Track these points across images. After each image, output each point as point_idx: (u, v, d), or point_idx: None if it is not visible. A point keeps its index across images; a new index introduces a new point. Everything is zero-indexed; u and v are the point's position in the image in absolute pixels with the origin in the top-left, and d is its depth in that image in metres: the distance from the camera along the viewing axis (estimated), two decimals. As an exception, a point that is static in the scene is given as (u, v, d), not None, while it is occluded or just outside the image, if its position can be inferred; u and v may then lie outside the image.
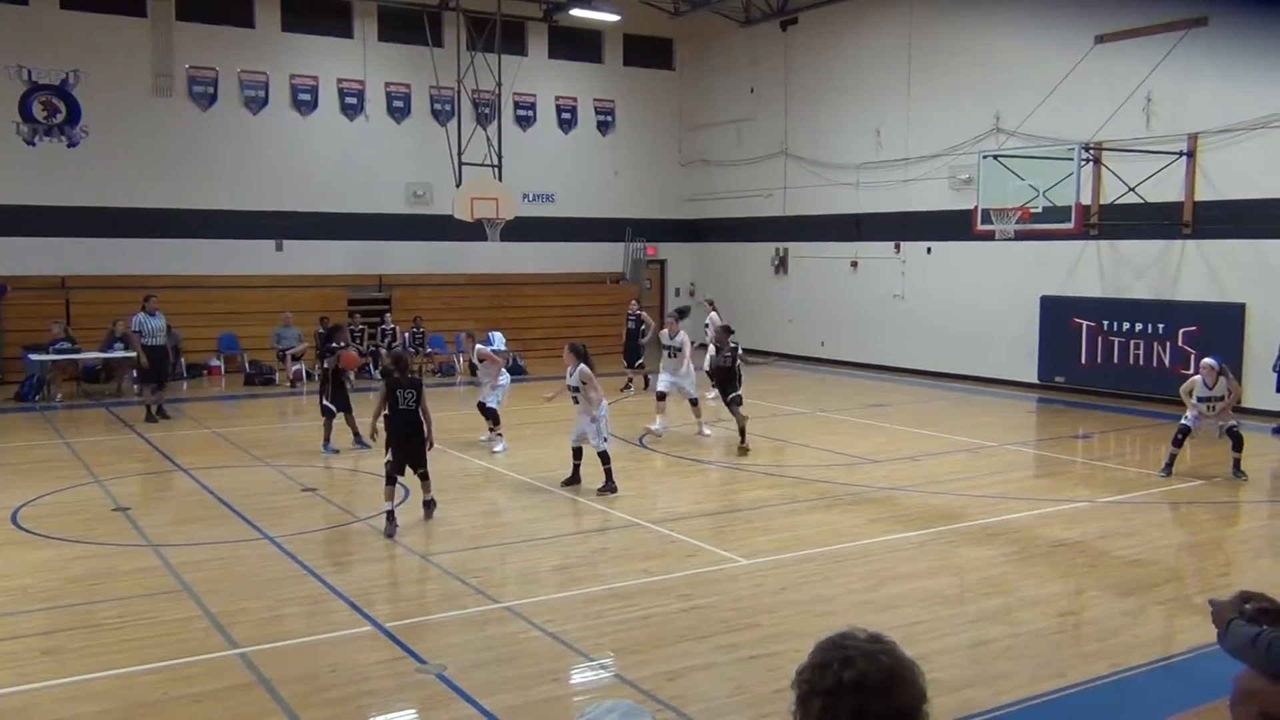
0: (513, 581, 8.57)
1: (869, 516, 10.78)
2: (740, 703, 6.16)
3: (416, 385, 10.18)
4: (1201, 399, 12.14)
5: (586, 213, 27.54)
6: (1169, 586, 8.42)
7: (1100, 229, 18.70)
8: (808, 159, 25.40)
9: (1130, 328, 18.64)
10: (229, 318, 22.75)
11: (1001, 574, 8.77)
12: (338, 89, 24.53)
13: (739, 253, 27.87)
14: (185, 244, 22.76)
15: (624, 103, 28.34)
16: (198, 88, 23.07)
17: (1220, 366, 12.20)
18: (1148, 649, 7.13)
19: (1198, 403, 12.15)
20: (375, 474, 12.44)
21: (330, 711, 6.00)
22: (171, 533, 9.94)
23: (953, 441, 15.03)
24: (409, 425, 10.02)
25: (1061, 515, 10.86)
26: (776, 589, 8.27)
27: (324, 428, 14.08)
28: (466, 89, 23.45)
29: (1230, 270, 17.36)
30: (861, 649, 2.10)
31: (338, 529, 10.09)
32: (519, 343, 24.41)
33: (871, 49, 23.58)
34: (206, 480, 12.19)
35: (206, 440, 15.11)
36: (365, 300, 24.45)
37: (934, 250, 22.46)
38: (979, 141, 20.68)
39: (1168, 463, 12.35)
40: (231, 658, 6.79)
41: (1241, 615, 3.94)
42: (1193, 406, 12.17)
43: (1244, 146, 16.93)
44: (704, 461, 13.64)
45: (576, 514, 10.81)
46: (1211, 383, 12.09)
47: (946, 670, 6.49)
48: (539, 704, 6.13)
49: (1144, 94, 17.90)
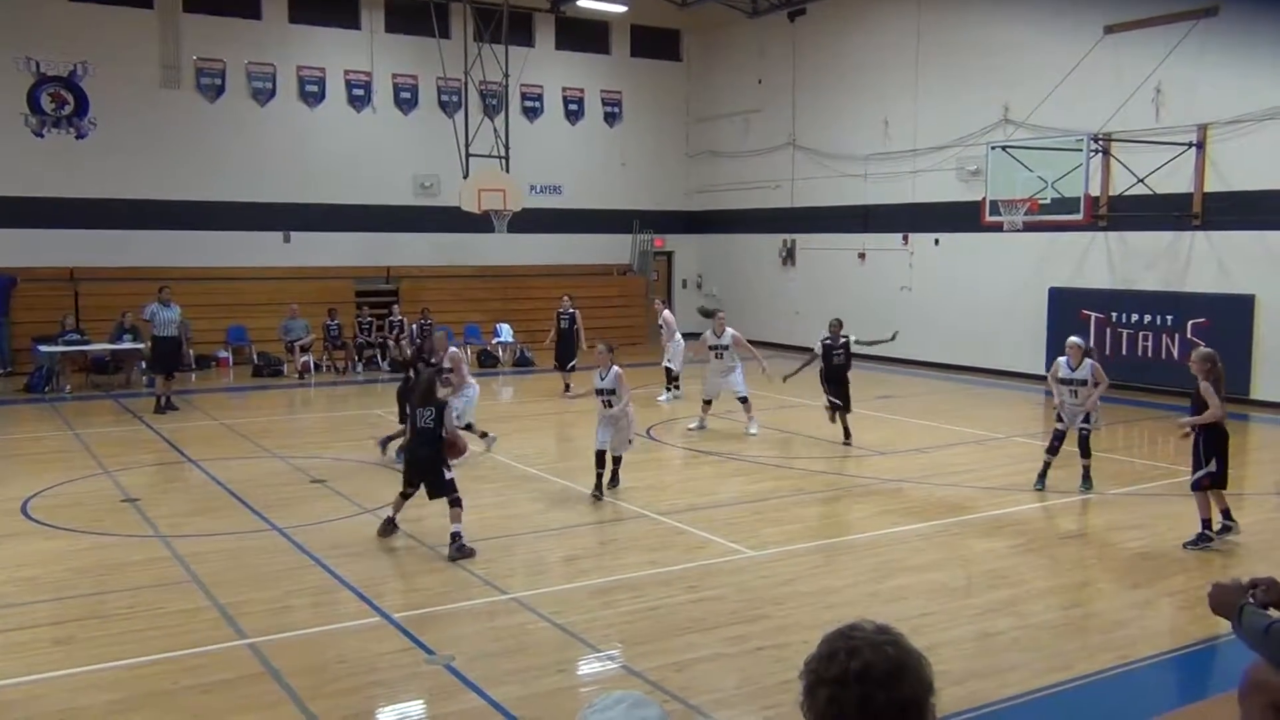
0: (520, 573, 8.59)
1: (877, 508, 10.78)
2: (747, 694, 6.18)
3: (440, 406, 9.15)
4: (1063, 381, 11.19)
5: (594, 204, 27.51)
6: (1177, 579, 8.40)
7: (1109, 220, 18.65)
8: (815, 150, 25.34)
9: (1139, 319, 18.59)
10: (237, 309, 22.79)
11: (1009, 566, 8.77)
12: (345, 80, 24.54)
13: (746, 244, 27.83)
14: (193, 235, 22.81)
15: (631, 94, 28.30)
16: (205, 79, 23.09)
17: (1086, 348, 11.30)
18: (1155, 641, 7.12)
19: (1060, 385, 11.23)
20: (382, 466, 12.48)
21: (339, 702, 6.02)
22: (181, 524, 9.97)
23: (960, 433, 15.02)
24: (426, 447, 9.15)
25: (1069, 507, 10.85)
26: (784, 580, 8.28)
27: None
28: (473, 80, 23.43)
29: (1240, 261, 17.29)
30: (868, 640, 2.11)
31: (346, 520, 10.11)
32: (526, 334, 24.43)
33: (879, 40, 23.51)
34: (215, 471, 12.23)
35: (215, 431, 15.15)
36: (373, 292, 24.47)
37: (942, 242, 22.41)
38: (987, 133, 20.60)
39: (1040, 473, 11.36)
40: (240, 648, 6.82)
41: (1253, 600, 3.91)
42: (1056, 392, 11.27)
43: (1254, 137, 16.85)
44: (712, 453, 13.63)
45: (584, 506, 10.82)
46: (1075, 364, 11.11)
47: (953, 662, 6.50)
48: (547, 695, 6.14)
49: (1153, 85, 17.82)
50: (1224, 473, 9.03)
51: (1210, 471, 8.99)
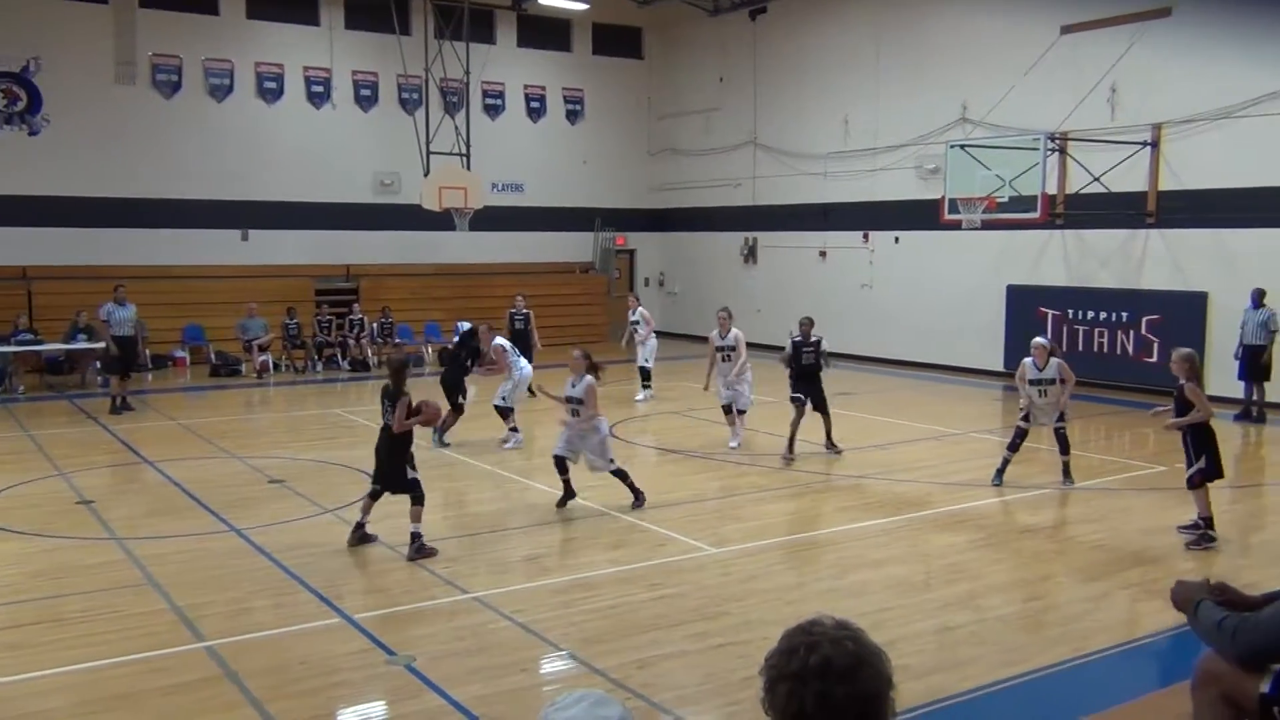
0: (482, 572, 8.56)
1: (837, 504, 10.86)
2: (709, 691, 6.20)
3: (393, 397, 8.89)
4: (1032, 382, 11.25)
5: (555, 202, 27.45)
6: (1132, 572, 8.52)
7: (1065, 219, 18.87)
8: (776, 148, 25.45)
9: (1095, 317, 18.85)
10: (194, 308, 22.51)
11: (968, 560, 8.86)
12: (304, 77, 24.31)
13: (708, 242, 27.90)
14: (149, 234, 22.51)
15: (593, 92, 28.27)
16: (161, 76, 22.79)
17: (1051, 346, 11.38)
18: (1111, 633, 7.22)
19: (1029, 387, 11.28)
20: (342, 465, 12.39)
21: (299, 704, 5.98)
22: (137, 526, 9.85)
23: (920, 429, 15.15)
24: (383, 443, 9.01)
25: (1027, 502, 10.98)
26: (745, 577, 8.31)
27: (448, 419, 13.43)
28: (434, 77, 23.32)
29: (1193, 259, 17.57)
30: (828, 635, 2.13)
31: (305, 520, 10.03)
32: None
33: (839, 39, 23.65)
34: (172, 472, 12.09)
35: (172, 432, 14.97)
36: (332, 290, 24.29)
37: (902, 239, 22.59)
38: (946, 131, 20.79)
39: (999, 469, 11.47)
40: (199, 651, 6.75)
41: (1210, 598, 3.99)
42: (1024, 394, 11.40)
43: (1206, 137, 17.13)
44: (675, 451, 13.66)
45: (545, 504, 10.80)
46: (1042, 364, 11.19)
47: (913, 656, 6.56)
48: (508, 694, 6.13)
49: (1109, 84, 18.06)
50: (1216, 465, 9.14)
51: (1201, 468, 9.09)
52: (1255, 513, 11.00)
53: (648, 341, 17.93)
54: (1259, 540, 9.76)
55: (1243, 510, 10.90)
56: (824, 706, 2.06)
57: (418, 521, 8.83)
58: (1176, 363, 9.23)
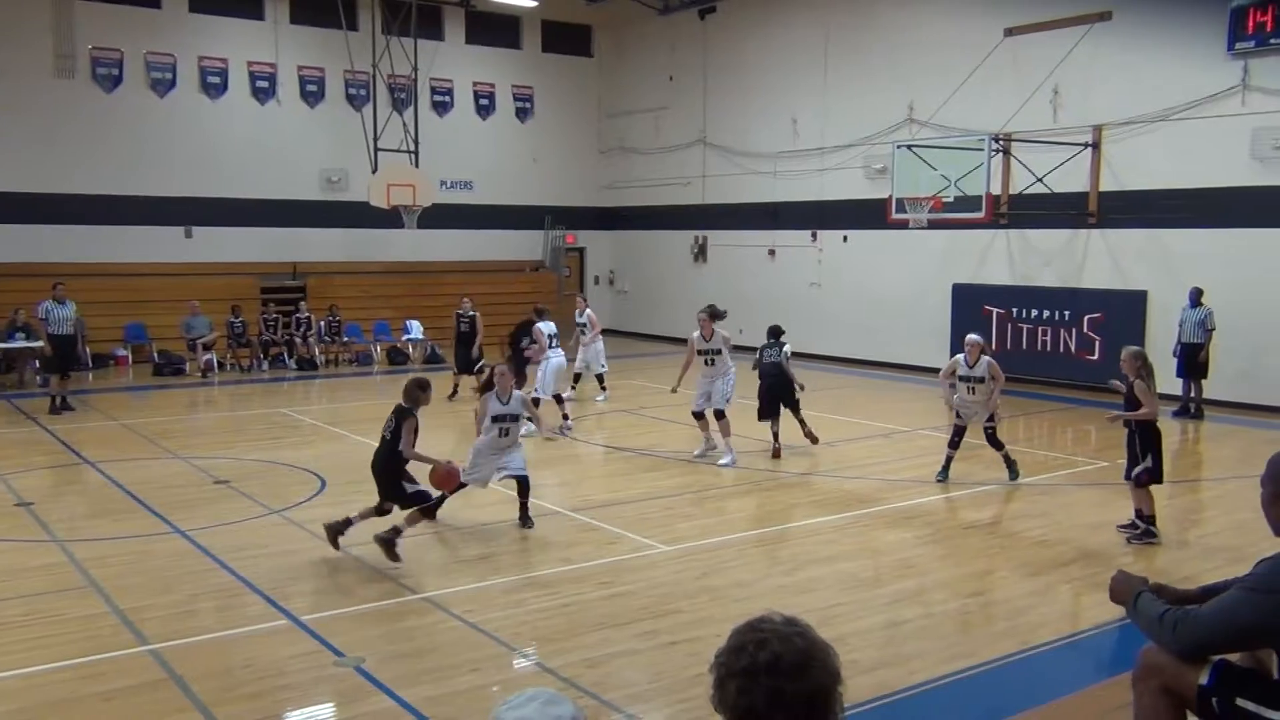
0: (432, 572, 8.51)
1: (787, 502, 10.93)
2: (660, 688, 6.21)
3: (397, 413, 8.74)
4: (962, 378, 11.31)
5: (505, 200, 27.34)
6: (1074, 566, 8.67)
7: (1009, 218, 19.15)
8: (726, 147, 25.54)
9: (1038, 314, 19.14)
10: (136, 306, 22.12)
11: (916, 556, 8.96)
12: (248, 72, 23.99)
13: (658, 240, 27.94)
14: (89, 230, 22.08)
15: (542, 89, 28.19)
16: (101, 69, 22.37)
17: (983, 344, 11.40)
18: (1055, 626, 7.34)
19: (959, 382, 11.36)
20: (289, 465, 12.26)
21: (246, 707, 5.91)
22: (78, 528, 9.67)
23: (868, 427, 15.30)
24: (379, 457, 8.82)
25: (973, 498, 11.13)
26: (696, 575, 8.34)
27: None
28: (382, 74, 23.11)
29: (1132, 259, 17.92)
30: (777, 631, 2.15)
31: (251, 521, 9.91)
32: (436, 332, 24.20)
33: (788, 39, 23.79)
34: (114, 474, 11.87)
35: (114, 432, 14.71)
36: (279, 289, 23.98)
37: (850, 239, 22.78)
38: (893, 131, 21.00)
39: (944, 466, 11.57)
40: (142, 655, 6.64)
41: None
42: (944, 389, 11.56)
43: (1145, 138, 17.47)
44: (625, 450, 13.67)
45: (496, 503, 10.76)
46: (972, 361, 11.22)
47: (862, 651, 6.62)
48: (459, 695, 6.10)
49: (1051, 86, 18.35)
50: (1159, 468, 9.27)
51: (1148, 468, 9.20)
52: (1193, 507, 11.23)
53: (593, 345, 17.12)
54: (1197, 535, 9.98)
55: (1181, 505, 11.13)
56: (774, 703, 2.08)
57: (411, 525, 8.71)
58: (1126, 360, 9.29)
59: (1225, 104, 16.45)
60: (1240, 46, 16.14)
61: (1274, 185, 16.06)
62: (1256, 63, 16.10)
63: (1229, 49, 16.27)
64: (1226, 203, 16.57)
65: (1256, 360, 16.28)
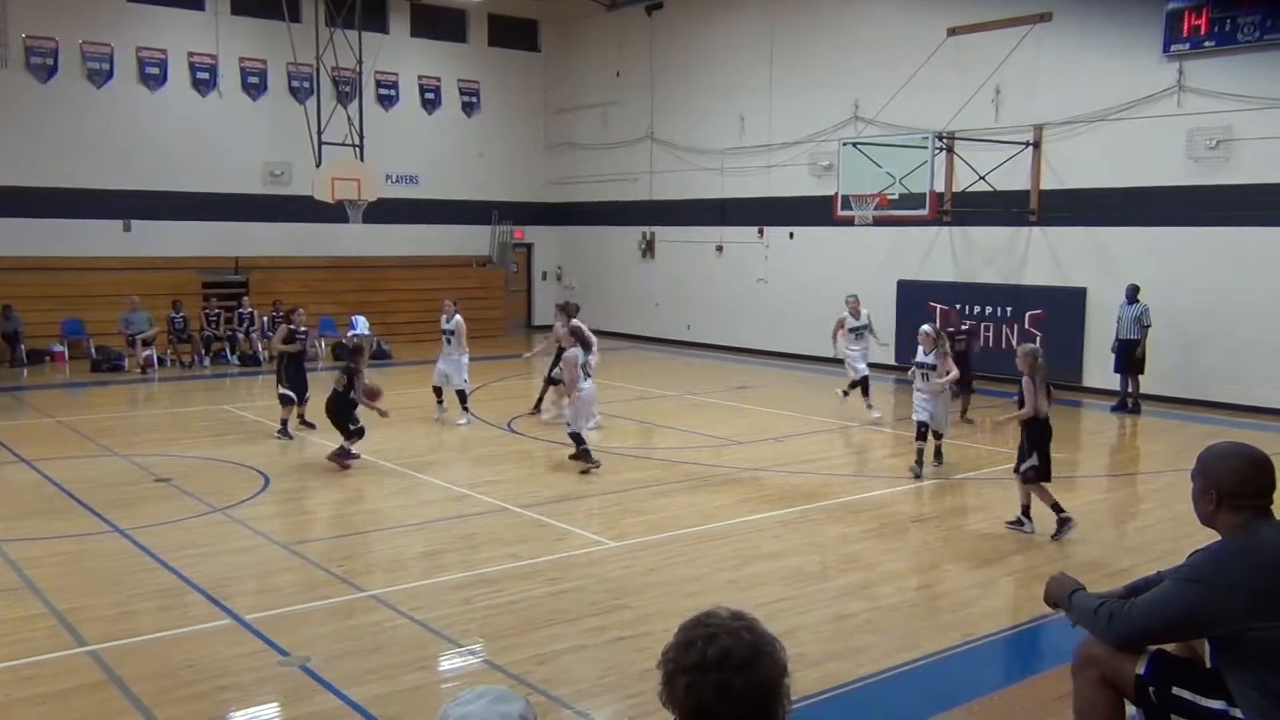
0: (378, 569, 8.44)
1: (735, 497, 10.98)
2: (609, 684, 6.22)
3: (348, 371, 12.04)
4: (916, 364, 11.85)
5: (452, 195, 27.17)
6: (1016, 559, 8.82)
7: (953, 216, 19.40)
8: (673, 144, 25.58)
9: (981, 311, 19.41)
10: (73, 301, 21.67)
11: (861, 550, 9.05)
12: (188, 63, 23.58)
13: (606, 237, 27.92)
14: (24, 223, 21.56)
15: (489, 84, 28.03)
16: (35, 59, 21.85)
17: (936, 335, 11.84)
18: (997, 619, 7.47)
19: (914, 366, 11.89)
20: (232, 462, 12.09)
21: (188, 708, 5.82)
22: (12, 527, 9.45)
23: (814, 422, 15.42)
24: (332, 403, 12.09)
25: (917, 492, 11.27)
26: (644, 570, 8.36)
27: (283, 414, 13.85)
28: (326, 66, 22.85)
29: (1072, 256, 18.24)
30: (724, 626, 2.16)
31: (193, 519, 9.75)
32: (383, 327, 24.00)
33: (735, 36, 23.87)
34: (50, 472, 11.63)
35: (50, 430, 14.40)
36: (221, 284, 23.62)
37: (796, 235, 22.93)
38: (839, 129, 21.17)
39: (916, 459, 11.77)
40: (80, 656, 6.51)
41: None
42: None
43: (1084, 138, 17.78)
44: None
45: (444, 500, 10.71)
46: (928, 349, 11.70)
47: (809, 644, 6.68)
48: (407, 693, 6.06)
49: (993, 85, 18.61)
50: (1046, 465, 9.43)
51: (1034, 465, 9.37)
52: (1129, 501, 11.47)
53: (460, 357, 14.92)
54: (1133, 528, 10.19)
55: (1117, 499, 11.37)
56: (723, 697, 2.09)
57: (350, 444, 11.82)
58: (1020, 358, 9.48)
59: (1161, 105, 16.79)
60: (1176, 49, 16.49)
61: (1208, 185, 16.43)
62: (1191, 64, 16.45)
63: (1165, 51, 16.61)
64: (1162, 202, 16.92)
65: (1191, 355, 16.64)
